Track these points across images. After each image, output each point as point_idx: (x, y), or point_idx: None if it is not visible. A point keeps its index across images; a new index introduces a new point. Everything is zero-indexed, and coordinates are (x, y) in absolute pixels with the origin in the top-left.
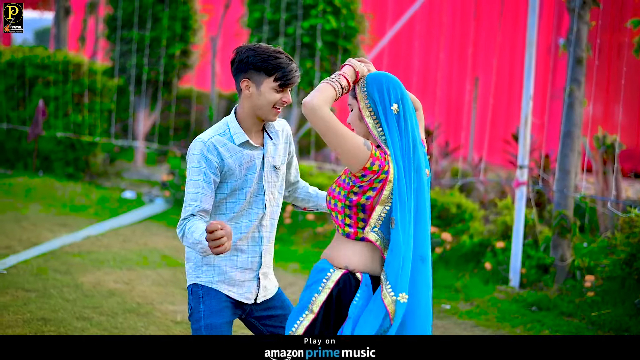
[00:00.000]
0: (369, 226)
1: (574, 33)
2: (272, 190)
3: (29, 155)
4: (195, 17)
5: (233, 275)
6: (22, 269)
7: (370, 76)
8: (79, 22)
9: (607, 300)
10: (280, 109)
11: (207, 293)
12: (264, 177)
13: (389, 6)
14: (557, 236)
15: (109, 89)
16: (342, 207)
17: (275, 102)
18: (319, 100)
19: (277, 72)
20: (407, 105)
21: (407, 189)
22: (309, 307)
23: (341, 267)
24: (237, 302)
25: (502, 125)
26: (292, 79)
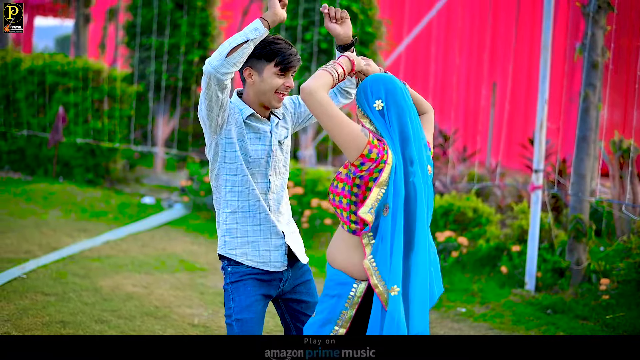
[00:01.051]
0: (365, 206)
1: (589, 37)
2: (277, 164)
3: (49, 161)
4: (214, 24)
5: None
6: (42, 273)
7: (365, 81)
8: (99, 29)
9: (622, 303)
10: (285, 94)
11: (237, 289)
12: (273, 152)
13: (406, 12)
14: (573, 240)
15: (128, 95)
16: (348, 203)
17: (277, 87)
18: (316, 85)
19: (277, 57)
20: (394, 101)
21: (401, 180)
22: (338, 323)
23: (362, 279)
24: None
25: (520, 129)
26: (292, 62)
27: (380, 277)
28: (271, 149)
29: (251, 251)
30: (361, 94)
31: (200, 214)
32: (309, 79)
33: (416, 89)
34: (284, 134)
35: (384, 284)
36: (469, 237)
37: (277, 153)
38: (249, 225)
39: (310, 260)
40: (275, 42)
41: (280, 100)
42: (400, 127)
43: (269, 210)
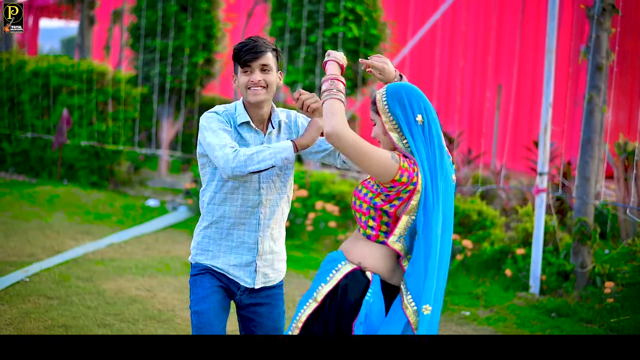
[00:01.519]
0: (394, 235)
1: (593, 40)
2: (271, 178)
3: (54, 163)
4: (218, 26)
5: (227, 260)
6: (45, 277)
7: (390, 90)
8: (103, 31)
9: (626, 306)
10: (259, 89)
11: (194, 282)
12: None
13: (411, 14)
14: (578, 243)
15: (133, 97)
16: (367, 208)
17: (245, 84)
18: (340, 125)
19: (239, 55)
20: (431, 114)
21: (434, 200)
22: (314, 296)
23: (354, 263)
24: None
25: (525, 132)
26: (247, 55)
27: (411, 299)
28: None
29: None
30: (397, 106)
31: None
32: (328, 120)
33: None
34: None
35: (414, 305)
36: (474, 240)
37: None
38: (222, 240)
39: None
40: (243, 42)
41: (255, 95)
42: (438, 142)
43: (256, 224)
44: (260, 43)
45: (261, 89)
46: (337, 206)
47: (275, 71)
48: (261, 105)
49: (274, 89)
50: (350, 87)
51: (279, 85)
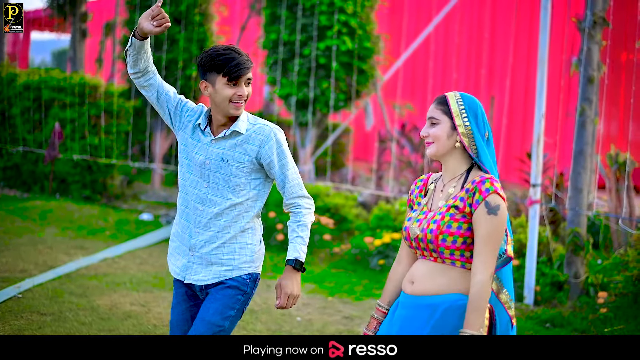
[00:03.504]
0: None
1: (584, 52)
2: (215, 180)
3: (46, 178)
4: (211, 39)
5: (172, 245)
6: (38, 293)
7: (466, 97)
8: (96, 44)
9: (619, 316)
10: (241, 102)
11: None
12: (206, 164)
13: (404, 27)
14: (571, 253)
15: (125, 110)
16: (463, 242)
17: (230, 97)
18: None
19: (225, 68)
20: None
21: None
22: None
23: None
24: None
25: (518, 143)
26: (238, 71)
27: (513, 311)
28: (204, 160)
29: (171, 257)
30: (472, 114)
31: None
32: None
33: (414, 104)
34: (237, 157)
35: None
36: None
37: (213, 166)
38: (177, 230)
39: (309, 276)
40: (224, 53)
41: (238, 108)
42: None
43: (195, 220)
44: (245, 56)
45: (243, 103)
46: (332, 219)
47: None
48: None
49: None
50: (344, 100)
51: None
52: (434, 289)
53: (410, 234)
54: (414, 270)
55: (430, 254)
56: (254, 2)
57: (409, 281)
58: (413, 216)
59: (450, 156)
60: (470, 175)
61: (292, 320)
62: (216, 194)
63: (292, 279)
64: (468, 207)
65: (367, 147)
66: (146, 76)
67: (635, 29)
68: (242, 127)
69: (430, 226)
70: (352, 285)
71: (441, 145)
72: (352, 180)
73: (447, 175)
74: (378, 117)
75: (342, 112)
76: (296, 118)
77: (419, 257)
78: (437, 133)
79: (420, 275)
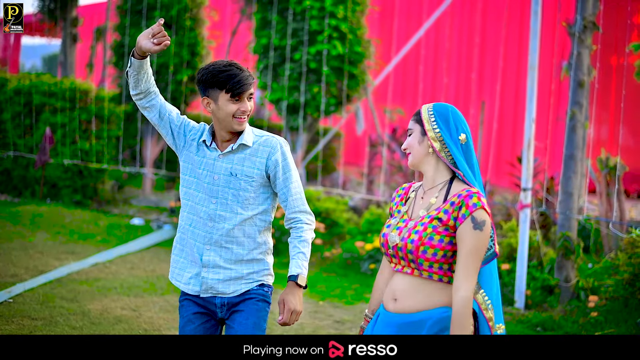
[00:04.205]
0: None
1: (575, 57)
2: (224, 195)
3: (37, 182)
4: (202, 44)
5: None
6: (29, 297)
7: (437, 105)
8: (86, 49)
9: (610, 319)
10: (244, 117)
11: (179, 311)
12: (214, 179)
13: (395, 32)
14: (562, 257)
15: (116, 115)
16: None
17: (233, 113)
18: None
19: (228, 84)
20: (470, 137)
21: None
22: None
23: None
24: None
25: (508, 148)
26: (241, 87)
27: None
28: (213, 176)
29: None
30: (442, 124)
31: None
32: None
33: (405, 108)
34: (245, 171)
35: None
36: None
37: (222, 182)
38: (184, 248)
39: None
40: (226, 69)
41: (241, 123)
42: (476, 165)
43: (204, 237)
44: (246, 72)
45: (246, 117)
46: (323, 223)
47: None
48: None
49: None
50: (335, 105)
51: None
52: (418, 306)
53: (389, 241)
54: (394, 286)
55: (408, 264)
56: (244, 7)
57: (391, 299)
58: (392, 223)
59: (428, 164)
60: (453, 187)
61: None
62: (225, 209)
63: (295, 294)
64: (452, 221)
65: (358, 152)
66: (148, 97)
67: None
68: (249, 140)
69: (412, 236)
70: (343, 289)
71: (415, 152)
72: (343, 185)
73: (426, 183)
74: (369, 122)
75: (332, 116)
76: (287, 123)
77: (393, 269)
78: (410, 141)
79: (401, 292)
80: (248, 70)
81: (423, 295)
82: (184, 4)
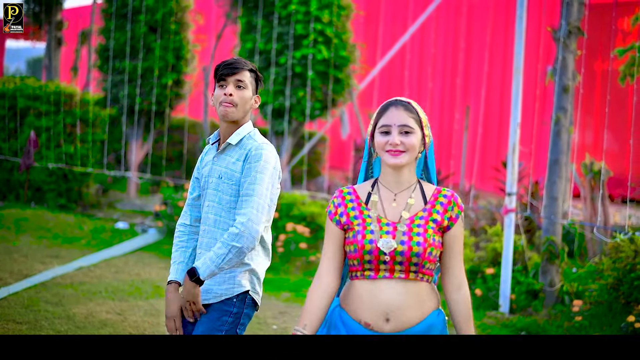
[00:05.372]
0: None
1: (559, 62)
2: (212, 198)
3: (21, 186)
4: (187, 48)
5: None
6: (13, 301)
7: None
8: (71, 52)
9: (594, 324)
10: (229, 104)
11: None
12: (209, 182)
13: (380, 36)
14: (546, 262)
15: (101, 119)
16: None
17: (219, 99)
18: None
19: (216, 71)
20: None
21: None
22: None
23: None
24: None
25: (493, 152)
26: (224, 69)
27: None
28: (208, 178)
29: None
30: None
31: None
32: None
33: None
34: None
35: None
36: None
37: (213, 184)
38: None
39: (285, 285)
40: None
41: (226, 109)
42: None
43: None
44: (240, 60)
45: (231, 108)
46: (308, 227)
47: (250, 90)
48: (229, 121)
49: (246, 108)
50: (320, 109)
51: (253, 107)
52: (417, 316)
53: (385, 247)
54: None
55: (406, 268)
56: (230, 11)
57: (382, 319)
58: (374, 230)
59: (409, 166)
60: (424, 187)
61: (267, 328)
62: (214, 212)
63: (186, 286)
64: (446, 221)
65: (343, 156)
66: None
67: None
68: (234, 139)
69: (416, 239)
70: None
71: (413, 155)
72: (328, 189)
73: (397, 185)
74: (354, 126)
75: (318, 120)
76: (272, 127)
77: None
78: (413, 142)
79: (395, 307)
80: (249, 63)
81: (416, 301)
82: (169, 8)
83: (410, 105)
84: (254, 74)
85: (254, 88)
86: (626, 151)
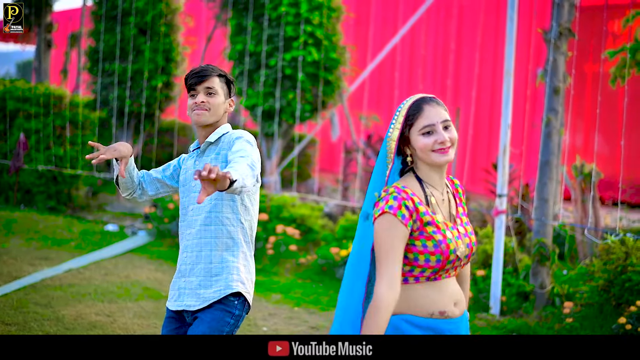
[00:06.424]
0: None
1: (550, 63)
2: (192, 198)
3: (10, 188)
4: (177, 50)
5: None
6: (2, 303)
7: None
8: (60, 54)
9: (585, 326)
10: (201, 111)
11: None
12: (192, 185)
13: (370, 38)
14: (537, 264)
15: (91, 121)
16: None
17: (190, 107)
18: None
19: (186, 81)
20: None
21: None
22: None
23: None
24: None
25: (484, 154)
26: (191, 80)
27: None
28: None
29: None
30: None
31: (164, 241)
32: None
33: (380, 115)
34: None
35: None
36: None
37: (196, 187)
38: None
39: (275, 287)
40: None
41: (197, 116)
42: None
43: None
44: (207, 68)
45: (203, 111)
46: (298, 229)
47: (221, 95)
48: (204, 126)
49: (219, 112)
50: (310, 111)
51: (228, 111)
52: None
53: (460, 254)
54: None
55: (461, 267)
56: (220, 13)
57: (453, 304)
58: (449, 236)
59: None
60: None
61: (258, 330)
62: (197, 213)
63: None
64: (466, 209)
65: (333, 158)
66: (137, 192)
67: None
68: (213, 138)
69: (473, 239)
70: (318, 295)
71: (455, 148)
72: (318, 191)
73: (441, 183)
74: (344, 128)
75: (308, 123)
76: (262, 129)
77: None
78: (455, 135)
79: (459, 293)
80: (217, 68)
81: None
82: (159, 10)
83: (438, 99)
84: (223, 79)
85: (226, 92)
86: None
